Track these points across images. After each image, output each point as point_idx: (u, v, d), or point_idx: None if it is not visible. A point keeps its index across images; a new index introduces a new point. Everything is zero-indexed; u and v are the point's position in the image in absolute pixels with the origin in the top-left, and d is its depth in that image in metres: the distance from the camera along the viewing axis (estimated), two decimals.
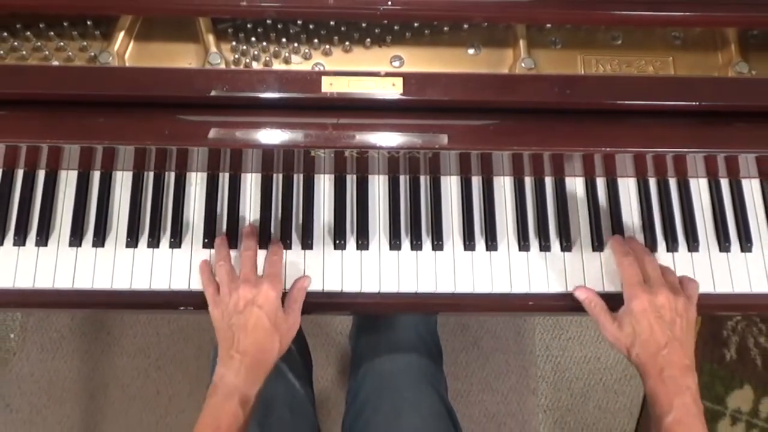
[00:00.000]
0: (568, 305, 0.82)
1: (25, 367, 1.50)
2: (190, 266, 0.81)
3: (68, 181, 0.83)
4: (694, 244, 0.84)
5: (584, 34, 0.82)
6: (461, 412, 0.93)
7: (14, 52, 0.77)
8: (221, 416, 0.67)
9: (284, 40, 0.79)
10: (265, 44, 0.79)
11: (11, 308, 1.11)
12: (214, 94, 0.73)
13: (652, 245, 0.84)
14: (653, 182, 0.87)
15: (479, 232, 0.84)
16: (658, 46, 0.82)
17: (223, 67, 0.78)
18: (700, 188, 0.87)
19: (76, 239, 0.80)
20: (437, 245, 0.82)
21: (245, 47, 0.79)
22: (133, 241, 0.81)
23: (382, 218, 0.84)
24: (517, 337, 1.57)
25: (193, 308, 0.81)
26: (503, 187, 0.86)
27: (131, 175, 0.83)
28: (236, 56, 0.79)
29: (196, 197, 0.84)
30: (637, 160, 0.83)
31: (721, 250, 0.85)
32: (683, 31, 0.83)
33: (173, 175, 0.84)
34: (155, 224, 0.81)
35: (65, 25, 0.78)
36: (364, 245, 0.82)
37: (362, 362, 0.96)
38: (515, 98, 0.75)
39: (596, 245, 0.84)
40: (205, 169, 0.84)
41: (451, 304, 0.83)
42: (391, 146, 0.75)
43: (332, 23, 0.79)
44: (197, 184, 0.84)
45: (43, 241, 0.80)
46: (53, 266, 0.80)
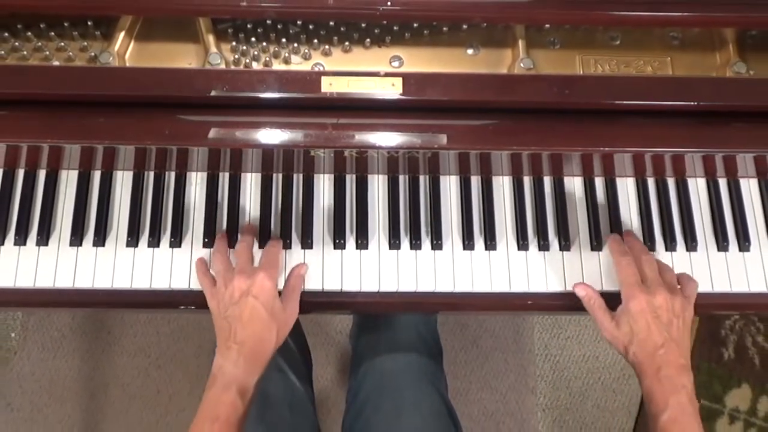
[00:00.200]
0: (566, 304, 0.82)
1: (26, 366, 1.51)
2: (190, 266, 0.81)
3: (69, 180, 0.83)
4: (692, 243, 0.85)
5: (583, 34, 0.82)
6: (460, 410, 0.93)
7: (15, 52, 0.77)
8: (220, 407, 0.67)
9: (284, 40, 0.79)
10: (265, 44, 0.80)
11: (12, 307, 1.11)
12: (214, 94, 0.73)
13: (650, 245, 0.85)
14: (652, 182, 0.87)
15: (478, 231, 0.84)
16: (656, 46, 0.82)
17: (223, 67, 0.78)
18: (698, 188, 0.87)
19: (76, 239, 0.81)
20: (436, 245, 0.83)
21: (245, 47, 0.80)
22: (133, 240, 0.81)
23: (381, 218, 0.84)
24: (516, 336, 1.57)
25: (193, 307, 0.81)
26: (502, 186, 0.86)
27: (132, 174, 0.84)
28: (236, 56, 0.80)
29: (196, 197, 0.84)
30: (635, 159, 0.84)
31: (719, 249, 0.85)
32: (681, 31, 0.83)
33: (173, 174, 0.84)
34: (155, 224, 0.82)
35: (66, 25, 0.78)
36: (363, 245, 0.83)
37: (363, 361, 0.96)
38: (514, 98, 0.76)
39: (595, 245, 0.84)
40: (205, 168, 0.84)
41: (450, 303, 0.83)
42: (390, 146, 0.75)
43: (332, 23, 0.79)
44: (197, 183, 0.84)
45: (43, 240, 0.81)
46: (54, 266, 0.80)
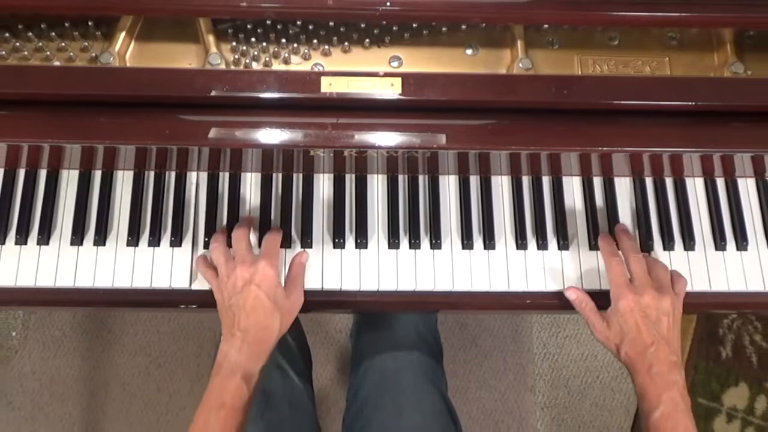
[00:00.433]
0: (565, 303, 0.82)
1: (27, 364, 1.51)
2: (190, 265, 0.81)
3: (70, 180, 0.84)
4: (690, 242, 0.85)
5: (581, 34, 0.83)
6: (459, 409, 0.93)
7: (16, 52, 0.77)
8: (225, 393, 0.68)
9: (284, 40, 0.80)
10: (264, 45, 0.80)
11: (13, 306, 1.11)
12: (214, 94, 0.73)
13: (648, 244, 0.85)
14: (650, 181, 0.88)
15: (477, 231, 0.84)
16: (654, 46, 0.83)
17: (223, 67, 0.78)
18: (696, 187, 0.88)
19: (77, 238, 0.81)
20: (435, 244, 0.83)
21: (245, 48, 0.80)
22: (134, 240, 0.81)
23: (380, 217, 0.84)
24: (514, 335, 1.57)
25: (193, 307, 0.82)
26: (501, 186, 0.86)
27: (132, 174, 0.84)
28: (236, 57, 0.80)
29: (196, 196, 0.84)
30: (633, 159, 0.84)
31: (717, 248, 0.86)
32: (679, 31, 0.83)
33: (174, 174, 0.84)
34: (156, 223, 0.82)
35: (66, 25, 0.78)
36: (362, 244, 0.83)
37: (363, 360, 0.96)
38: (513, 98, 0.76)
39: (593, 244, 0.84)
40: (205, 168, 0.84)
41: (449, 302, 0.84)
42: (389, 146, 0.76)
43: (331, 24, 0.80)
44: (198, 183, 0.85)
45: (44, 239, 0.81)
46: (55, 265, 0.81)
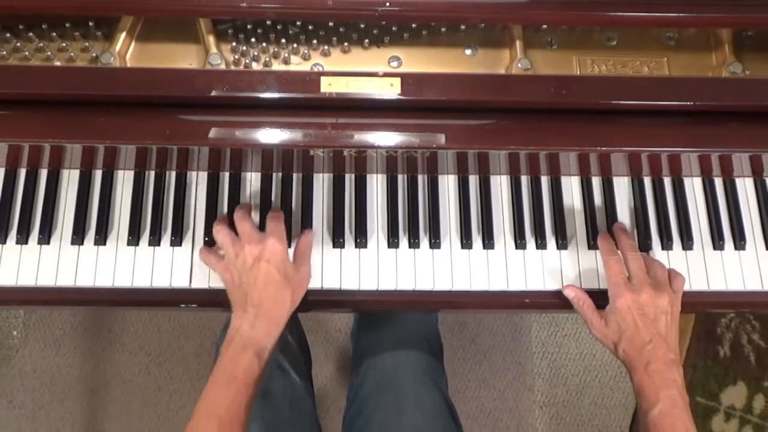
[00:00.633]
0: (564, 302, 0.83)
1: (27, 363, 1.51)
2: (191, 264, 0.82)
3: (70, 179, 0.84)
4: (688, 242, 0.85)
5: (580, 35, 0.83)
6: (458, 408, 0.94)
7: (17, 52, 0.78)
8: (237, 367, 0.67)
9: (283, 40, 0.80)
10: (264, 45, 0.80)
11: (14, 305, 1.11)
12: (214, 94, 0.74)
13: (647, 243, 0.85)
14: (648, 181, 0.88)
15: (476, 230, 0.85)
16: (652, 46, 0.83)
17: (223, 67, 0.78)
18: (694, 187, 0.88)
19: (78, 237, 0.81)
20: (435, 243, 0.83)
21: (245, 48, 0.80)
22: (134, 239, 0.82)
23: (380, 217, 0.85)
24: (513, 334, 1.58)
25: (194, 305, 0.82)
26: (500, 186, 0.87)
27: (133, 174, 0.84)
28: (236, 57, 0.80)
29: (196, 196, 0.84)
30: (632, 159, 0.84)
31: (715, 248, 0.86)
32: (678, 31, 0.83)
33: (174, 174, 0.85)
34: (156, 223, 0.82)
35: (67, 26, 0.78)
36: (362, 243, 0.83)
37: (364, 359, 0.97)
38: (512, 98, 0.76)
39: (592, 243, 0.85)
40: (205, 168, 0.85)
41: (448, 301, 0.84)
42: (389, 146, 0.76)
43: (331, 24, 0.80)
44: (198, 183, 0.85)
45: (45, 239, 0.81)
46: (55, 264, 0.81)
